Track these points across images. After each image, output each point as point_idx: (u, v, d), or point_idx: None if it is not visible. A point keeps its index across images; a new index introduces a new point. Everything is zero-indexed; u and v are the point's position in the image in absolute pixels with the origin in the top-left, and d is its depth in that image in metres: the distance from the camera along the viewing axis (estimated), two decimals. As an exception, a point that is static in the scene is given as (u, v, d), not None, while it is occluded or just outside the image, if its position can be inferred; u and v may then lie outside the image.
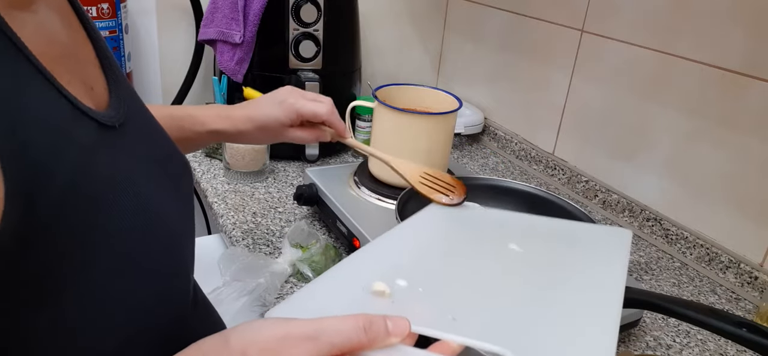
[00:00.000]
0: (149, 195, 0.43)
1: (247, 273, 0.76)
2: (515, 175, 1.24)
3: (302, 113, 0.70)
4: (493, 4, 1.33)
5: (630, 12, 1.01)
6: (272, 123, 0.70)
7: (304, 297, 0.48)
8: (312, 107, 0.71)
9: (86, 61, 0.45)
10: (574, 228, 0.68)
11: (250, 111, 0.71)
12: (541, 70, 1.22)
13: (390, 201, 0.88)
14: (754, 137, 0.85)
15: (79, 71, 0.43)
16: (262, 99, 0.72)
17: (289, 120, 0.70)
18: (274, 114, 0.70)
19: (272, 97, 0.72)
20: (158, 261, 0.43)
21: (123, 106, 0.45)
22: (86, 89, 0.42)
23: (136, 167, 0.44)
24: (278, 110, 0.70)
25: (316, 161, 1.15)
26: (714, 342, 0.77)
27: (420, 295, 0.48)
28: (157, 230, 0.43)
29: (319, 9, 1.05)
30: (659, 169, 1.00)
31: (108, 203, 0.38)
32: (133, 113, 0.47)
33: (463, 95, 1.39)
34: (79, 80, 0.42)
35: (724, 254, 0.90)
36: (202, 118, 0.70)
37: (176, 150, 0.55)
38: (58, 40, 0.41)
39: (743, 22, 0.84)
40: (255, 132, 0.71)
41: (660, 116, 0.98)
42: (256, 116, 0.70)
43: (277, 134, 0.72)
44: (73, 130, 0.37)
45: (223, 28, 1.09)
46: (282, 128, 0.71)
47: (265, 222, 0.93)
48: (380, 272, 0.51)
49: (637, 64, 1.01)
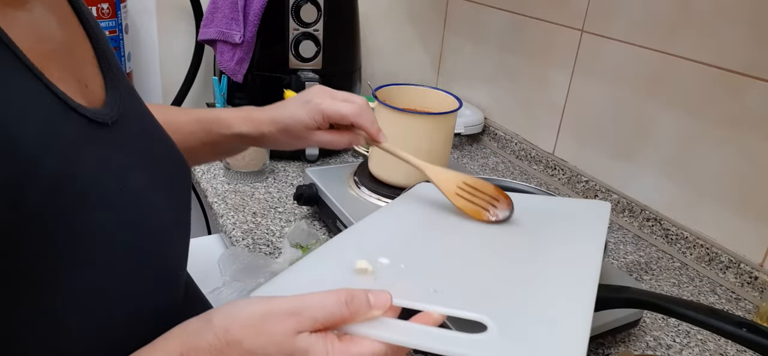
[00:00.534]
0: (139, 192, 0.44)
1: (247, 273, 0.76)
2: (515, 175, 1.24)
3: (327, 113, 0.64)
4: (493, 4, 1.33)
5: (630, 12, 1.01)
6: (295, 125, 0.64)
7: (288, 277, 0.49)
8: (338, 107, 0.64)
9: (83, 60, 0.45)
10: (554, 204, 0.70)
11: (274, 113, 0.66)
12: (541, 70, 1.22)
13: (390, 201, 0.87)
14: (754, 137, 0.85)
15: (75, 69, 0.43)
16: (290, 99, 0.67)
17: (314, 122, 0.64)
18: (297, 115, 0.64)
19: (299, 97, 0.66)
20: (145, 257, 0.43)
21: (118, 104, 0.45)
22: (80, 87, 0.42)
23: (127, 164, 0.44)
24: (302, 110, 0.64)
25: (316, 161, 1.15)
26: (714, 342, 0.77)
27: (402, 271, 0.50)
28: (145, 227, 0.43)
29: (319, 9, 1.05)
30: (659, 169, 1.00)
31: (95, 198, 0.39)
32: (129, 111, 0.47)
33: (463, 95, 1.39)
34: (74, 78, 0.42)
35: (724, 254, 0.90)
36: (228, 120, 0.67)
37: (175, 150, 0.54)
38: (52, 38, 0.41)
39: (743, 22, 0.84)
40: (278, 135, 0.66)
41: (660, 116, 0.98)
42: (279, 117, 0.65)
43: (300, 138, 0.66)
44: (60, 125, 0.37)
45: (223, 28, 1.09)
46: (306, 131, 0.65)
47: (265, 222, 0.93)
48: (363, 251, 0.52)
49: (637, 64, 1.01)
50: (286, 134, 0.66)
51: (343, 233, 0.57)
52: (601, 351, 0.72)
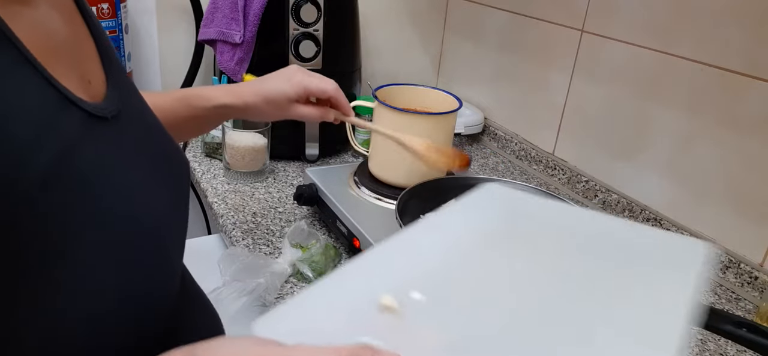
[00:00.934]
0: (134, 188, 0.44)
1: (247, 273, 0.76)
2: (515, 175, 1.24)
3: (310, 88, 0.72)
4: (493, 4, 1.33)
5: (630, 12, 1.01)
6: (280, 97, 0.72)
7: (298, 305, 0.42)
8: (319, 83, 0.73)
9: (86, 57, 0.46)
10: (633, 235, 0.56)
11: (257, 86, 0.72)
12: (541, 71, 1.22)
13: (390, 201, 0.88)
14: (753, 137, 0.85)
15: (77, 66, 0.43)
16: (270, 75, 0.74)
17: (296, 95, 0.72)
18: (281, 88, 0.71)
19: (280, 73, 0.73)
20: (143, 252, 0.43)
21: (119, 99, 0.46)
22: (83, 83, 0.43)
23: (124, 160, 0.44)
24: (287, 84, 0.72)
25: (316, 161, 1.15)
26: (714, 341, 0.77)
27: (435, 313, 0.41)
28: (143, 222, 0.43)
29: (319, 9, 1.05)
30: (659, 169, 1.00)
31: (93, 193, 0.39)
32: (130, 106, 0.48)
33: (463, 94, 1.39)
34: (77, 74, 0.42)
35: (724, 253, 0.90)
36: (209, 94, 0.71)
37: (176, 149, 0.55)
38: (56, 34, 0.42)
39: (743, 22, 0.84)
40: (262, 105, 0.72)
41: (660, 116, 0.98)
42: (264, 89, 0.72)
43: (283, 109, 0.73)
44: (58, 119, 0.38)
45: (223, 28, 1.09)
46: (289, 103, 0.72)
47: (265, 222, 0.93)
48: (391, 281, 0.43)
49: (637, 65, 1.01)
50: (270, 105, 0.72)
51: (368, 251, 0.48)
52: (601, 351, 0.72)
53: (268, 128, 1.03)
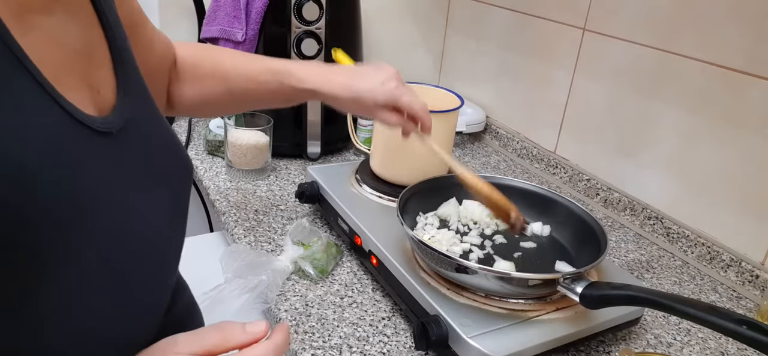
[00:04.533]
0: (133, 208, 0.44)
1: (248, 271, 0.76)
2: (517, 173, 1.25)
3: (399, 102, 0.70)
4: (495, 3, 1.33)
5: (632, 11, 1.01)
6: (368, 100, 0.70)
7: None
8: (409, 100, 0.70)
9: (99, 63, 0.45)
10: None
11: (350, 79, 0.70)
12: (543, 69, 1.22)
13: (391, 199, 0.88)
14: (755, 135, 0.85)
15: (89, 75, 0.43)
16: (364, 72, 0.71)
17: (385, 102, 0.70)
18: (373, 93, 0.69)
19: (376, 72, 0.71)
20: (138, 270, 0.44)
21: (127, 109, 0.46)
22: (92, 93, 0.42)
23: (124, 178, 0.44)
24: (379, 90, 0.69)
25: (318, 159, 1.15)
26: (715, 340, 0.77)
27: None
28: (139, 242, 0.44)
29: (321, 7, 1.05)
30: (661, 167, 1.00)
31: (93, 214, 0.39)
32: (137, 115, 0.47)
33: (465, 93, 1.39)
34: (86, 84, 0.42)
35: (725, 252, 0.90)
36: (302, 75, 0.70)
37: (179, 152, 0.54)
38: (70, 44, 0.42)
39: (745, 20, 0.84)
40: (349, 102, 0.71)
41: (662, 115, 0.98)
42: (355, 87, 0.69)
43: (367, 110, 0.71)
44: (65, 141, 0.38)
45: (225, 27, 1.09)
46: (375, 107, 0.70)
47: (266, 220, 0.93)
48: None
49: (638, 63, 1.01)
50: (356, 104, 0.71)
51: None
52: (602, 349, 0.72)
53: (269, 126, 1.04)
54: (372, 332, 0.71)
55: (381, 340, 0.70)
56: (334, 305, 0.75)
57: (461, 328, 0.62)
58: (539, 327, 0.65)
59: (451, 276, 0.68)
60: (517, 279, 0.66)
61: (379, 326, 0.72)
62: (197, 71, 0.72)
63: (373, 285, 0.80)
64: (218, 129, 1.15)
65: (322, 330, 0.70)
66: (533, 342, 0.63)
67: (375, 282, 0.80)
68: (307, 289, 0.77)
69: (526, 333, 0.63)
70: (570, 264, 0.73)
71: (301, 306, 0.74)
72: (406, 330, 0.72)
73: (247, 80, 0.71)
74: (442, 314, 0.64)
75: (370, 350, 0.68)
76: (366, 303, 0.76)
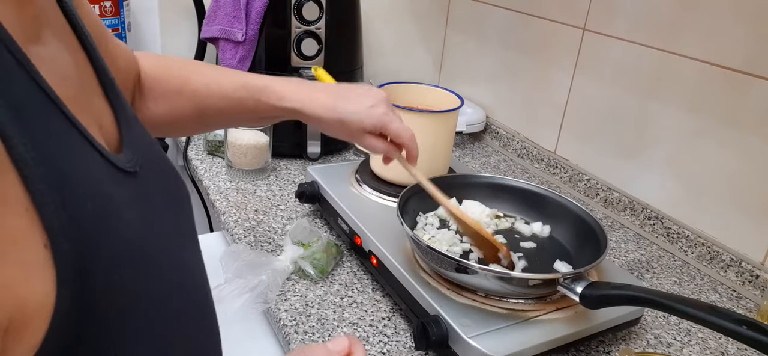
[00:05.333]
0: (174, 247, 0.41)
1: (248, 270, 0.76)
2: (517, 173, 1.25)
3: (387, 129, 0.66)
4: (494, 3, 1.33)
5: (632, 10, 1.01)
6: (355, 124, 0.65)
7: None
8: (398, 128, 0.66)
9: (91, 91, 0.41)
10: None
11: (335, 101, 0.65)
12: (543, 69, 1.22)
13: (391, 199, 0.88)
14: (755, 135, 0.85)
15: (89, 107, 0.39)
16: (351, 94, 0.66)
17: (372, 128, 0.65)
18: (360, 116, 0.65)
19: (362, 96, 0.66)
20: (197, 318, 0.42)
21: (133, 142, 0.41)
22: (98, 127, 0.38)
23: (158, 218, 0.40)
24: (365, 115, 0.65)
25: (318, 159, 1.15)
26: (715, 340, 0.77)
27: None
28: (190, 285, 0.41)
29: (321, 7, 1.05)
30: (661, 168, 1.00)
31: (146, 268, 0.35)
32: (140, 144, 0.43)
33: (465, 93, 1.39)
34: (91, 119, 0.38)
35: (725, 252, 0.90)
36: (281, 91, 0.64)
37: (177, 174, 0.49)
38: (69, 74, 0.37)
39: (746, 20, 0.84)
40: (333, 124, 0.65)
41: (662, 115, 0.98)
42: (341, 109, 0.64)
43: (352, 135, 0.67)
44: (107, 188, 0.33)
45: (225, 26, 1.09)
46: (360, 133, 0.66)
47: (266, 220, 0.93)
48: None
49: (639, 63, 1.01)
50: (340, 126, 0.65)
51: None
52: (602, 349, 0.72)
53: (270, 126, 1.04)
54: (372, 332, 0.71)
55: (381, 340, 0.70)
56: (334, 305, 0.75)
57: (461, 328, 0.62)
58: (539, 327, 0.65)
59: (451, 276, 0.68)
60: (517, 279, 0.66)
61: (379, 326, 0.72)
62: (163, 87, 0.65)
63: (373, 285, 0.80)
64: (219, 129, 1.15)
65: (322, 330, 0.70)
66: (533, 342, 0.63)
67: (375, 282, 0.80)
68: (307, 289, 0.77)
69: (526, 333, 0.63)
70: (570, 264, 0.73)
71: (301, 306, 0.74)
72: (406, 330, 0.72)
73: (220, 98, 0.64)
74: (442, 314, 0.64)
75: (370, 350, 0.68)
76: (366, 303, 0.76)
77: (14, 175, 0.26)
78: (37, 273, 0.26)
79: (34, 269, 0.26)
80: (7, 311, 0.25)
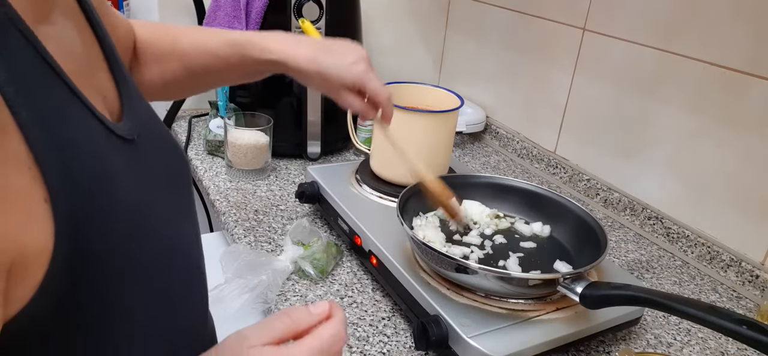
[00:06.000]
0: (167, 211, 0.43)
1: (248, 271, 0.76)
2: (517, 173, 1.25)
3: (367, 87, 0.67)
4: (495, 3, 1.33)
5: (632, 10, 1.01)
6: (334, 78, 0.66)
7: None
8: (376, 87, 0.68)
9: (96, 66, 0.44)
10: None
11: (317, 53, 0.66)
12: (543, 69, 1.22)
13: (392, 199, 0.88)
14: (755, 135, 0.85)
15: (93, 80, 0.42)
16: (333, 48, 0.68)
17: (352, 84, 0.67)
18: (342, 72, 0.66)
19: (344, 51, 0.67)
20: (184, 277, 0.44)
21: (133, 112, 0.45)
22: (101, 99, 0.42)
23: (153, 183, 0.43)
24: (345, 69, 0.66)
25: (318, 159, 1.15)
26: (715, 340, 0.77)
27: None
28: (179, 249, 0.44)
29: (321, 7, 1.05)
30: (661, 167, 1.00)
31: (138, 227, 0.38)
32: (141, 115, 0.46)
33: (465, 93, 1.39)
34: (95, 90, 0.41)
35: (725, 252, 0.90)
36: (265, 45, 0.66)
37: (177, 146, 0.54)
38: (76, 51, 0.41)
39: (746, 20, 0.84)
40: (314, 76, 0.66)
41: (662, 115, 0.98)
42: (322, 61, 0.65)
43: (331, 89, 0.68)
44: (106, 152, 0.37)
45: (225, 26, 1.09)
46: (340, 88, 0.67)
47: (266, 220, 0.93)
48: None
49: (638, 63, 1.01)
50: (321, 79, 0.66)
51: None
52: (602, 349, 0.72)
53: (269, 126, 1.04)
54: (372, 332, 0.71)
55: (381, 340, 0.70)
56: (334, 305, 0.75)
57: (461, 328, 0.62)
58: (539, 327, 0.65)
59: (451, 276, 0.68)
60: (517, 279, 0.66)
61: (379, 326, 0.72)
62: (155, 51, 0.68)
63: (373, 285, 0.80)
64: (218, 129, 1.15)
65: (322, 330, 0.70)
66: (533, 342, 0.63)
67: (375, 282, 0.80)
68: (307, 289, 0.77)
69: (526, 333, 0.63)
70: (570, 264, 0.73)
71: (301, 306, 0.74)
72: (406, 330, 0.72)
73: (207, 55, 0.67)
74: (442, 314, 0.64)
75: (370, 350, 0.68)
76: (366, 303, 0.76)
77: (18, 137, 0.29)
78: (37, 224, 0.30)
79: (35, 220, 0.30)
80: (10, 255, 0.29)
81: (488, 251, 0.76)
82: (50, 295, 0.31)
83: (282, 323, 0.42)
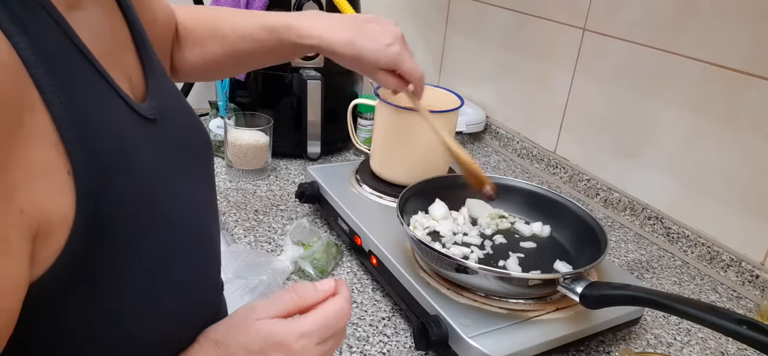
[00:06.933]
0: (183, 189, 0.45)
1: (249, 271, 0.76)
2: (517, 173, 1.25)
3: (401, 68, 0.69)
4: (495, 3, 1.33)
5: (632, 10, 1.01)
6: (370, 60, 0.68)
7: None
8: (411, 67, 0.70)
9: (124, 48, 0.46)
10: None
11: (353, 36, 0.67)
12: (543, 69, 1.22)
13: (391, 199, 0.88)
14: (755, 135, 0.85)
15: (120, 61, 0.44)
16: (369, 30, 0.69)
17: (386, 65, 0.68)
18: (377, 54, 0.68)
19: (380, 33, 0.69)
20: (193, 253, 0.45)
21: (157, 93, 0.47)
22: (127, 80, 0.43)
23: (172, 160, 0.45)
24: (381, 52, 0.68)
25: (318, 159, 1.15)
26: (715, 340, 0.77)
27: None
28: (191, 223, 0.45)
29: (322, 7, 1.05)
30: (661, 167, 1.00)
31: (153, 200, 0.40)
32: (167, 99, 0.48)
33: (465, 93, 1.39)
34: (121, 72, 0.43)
35: (725, 252, 0.90)
36: (301, 28, 0.67)
37: (200, 125, 0.55)
38: (104, 33, 0.43)
39: (745, 20, 0.84)
40: (350, 59, 0.68)
41: (661, 115, 0.98)
42: (359, 45, 0.67)
43: (367, 71, 0.70)
44: (128, 130, 0.39)
45: (225, 26, 1.09)
46: (375, 70, 0.69)
47: (266, 220, 0.93)
48: None
49: (638, 63, 1.01)
50: (357, 62, 0.69)
51: None
52: (602, 349, 0.72)
53: (269, 126, 1.04)
54: (372, 332, 0.71)
55: (381, 340, 0.70)
56: (334, 305, 0.75)
57: (461, 328, 0.62)
58: (539, 327, 0.65)
59: (451, 276, 0.68)
60: (517, 279, 0.66)
61: (379, 326, 0.72)
62: (197, 35, 0.70)
63: (373, 285, 0.80)
64: (218, 129, 1.15)
65: (322, 330, 0.70)
66: (533, 342, 0.63)
67: (375, 282, 0.80)
68: (307, 289, 0.77)
69: (526, 333, 0.63)
70: (570, 264, 0.73)
71: (301, 306, 0.74)
72: (406, 330, 0.72)
73: (246, 40, 0.69)
74: (442, 314, 0.64)
75: (370, 350, 0.68)
76: (366, 303, 0.76)
77: (46, 115, 0.32)
78: (61, 194, 0.33)
79: (59, 191, 0.33)
80: (36, 221, 0.32)
81: (488, 251, 0.76)
82: (71, 257, 0.34)
83: (289, 298, 0.45)
